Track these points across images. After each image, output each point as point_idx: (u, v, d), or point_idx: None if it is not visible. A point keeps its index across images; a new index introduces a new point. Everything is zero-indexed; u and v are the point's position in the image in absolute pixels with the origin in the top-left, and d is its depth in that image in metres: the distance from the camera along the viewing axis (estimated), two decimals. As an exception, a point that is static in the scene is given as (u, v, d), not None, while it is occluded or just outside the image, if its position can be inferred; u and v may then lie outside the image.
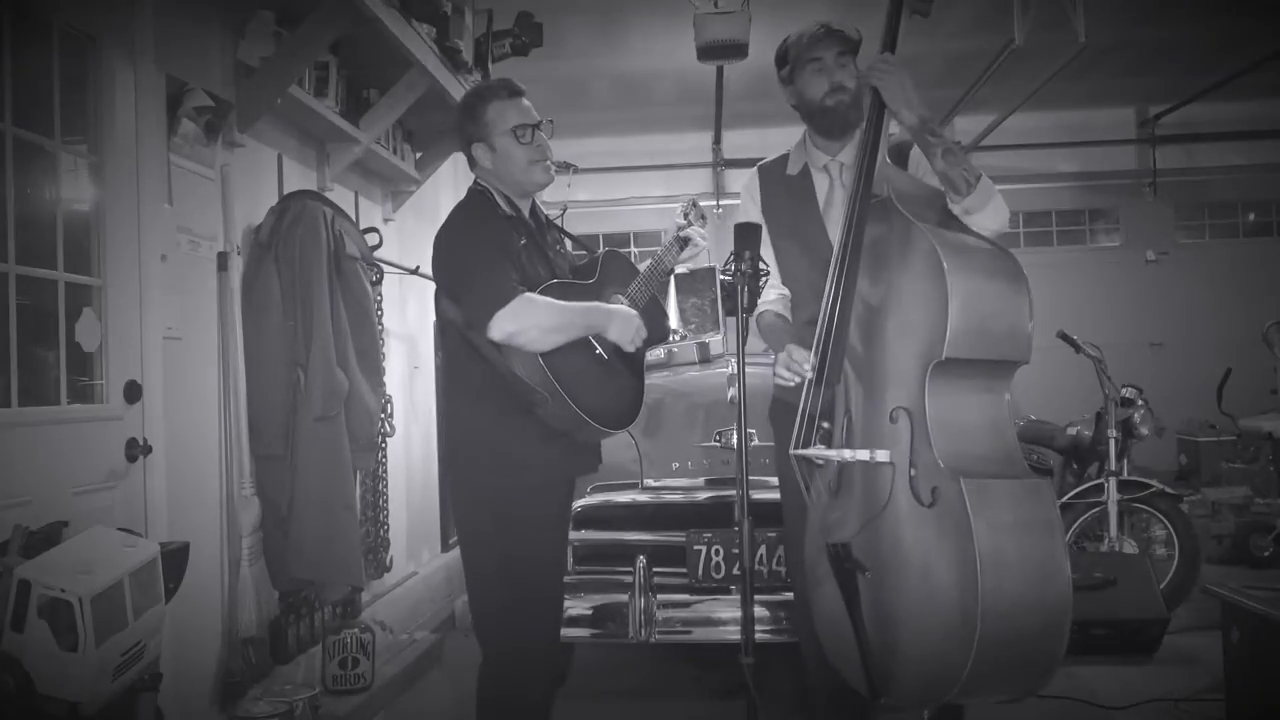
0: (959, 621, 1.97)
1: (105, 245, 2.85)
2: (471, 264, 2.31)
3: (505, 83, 2.50)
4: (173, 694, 2.71)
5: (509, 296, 2.24)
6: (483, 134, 2.43)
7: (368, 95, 4.23)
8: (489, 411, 2.35)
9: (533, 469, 2.35)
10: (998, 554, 1.97)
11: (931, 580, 2.05)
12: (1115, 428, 4.67)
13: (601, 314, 2.39)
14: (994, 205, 2.28)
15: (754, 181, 2.71)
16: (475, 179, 2.51)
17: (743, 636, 2.08)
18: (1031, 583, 2.02)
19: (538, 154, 2.44)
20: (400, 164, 4.65)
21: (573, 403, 2.26)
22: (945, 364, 2.08)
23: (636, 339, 2.42)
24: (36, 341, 2.65)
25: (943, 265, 2.09)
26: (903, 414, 2.13)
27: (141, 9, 2.91)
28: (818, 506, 2.32)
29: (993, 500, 2.03)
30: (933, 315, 2.09)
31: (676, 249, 2.58)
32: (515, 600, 2.34)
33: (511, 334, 2.23)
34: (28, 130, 2.59)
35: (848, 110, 2.51)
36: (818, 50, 2.50)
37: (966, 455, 2.10)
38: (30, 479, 2.48)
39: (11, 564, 2.08)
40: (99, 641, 2.03)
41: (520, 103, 2.45)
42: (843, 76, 2.49)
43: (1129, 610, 3.96)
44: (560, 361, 2.28)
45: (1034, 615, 2.01)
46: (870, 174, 2.28)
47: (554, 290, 2.35)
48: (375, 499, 4.22)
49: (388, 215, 4.88)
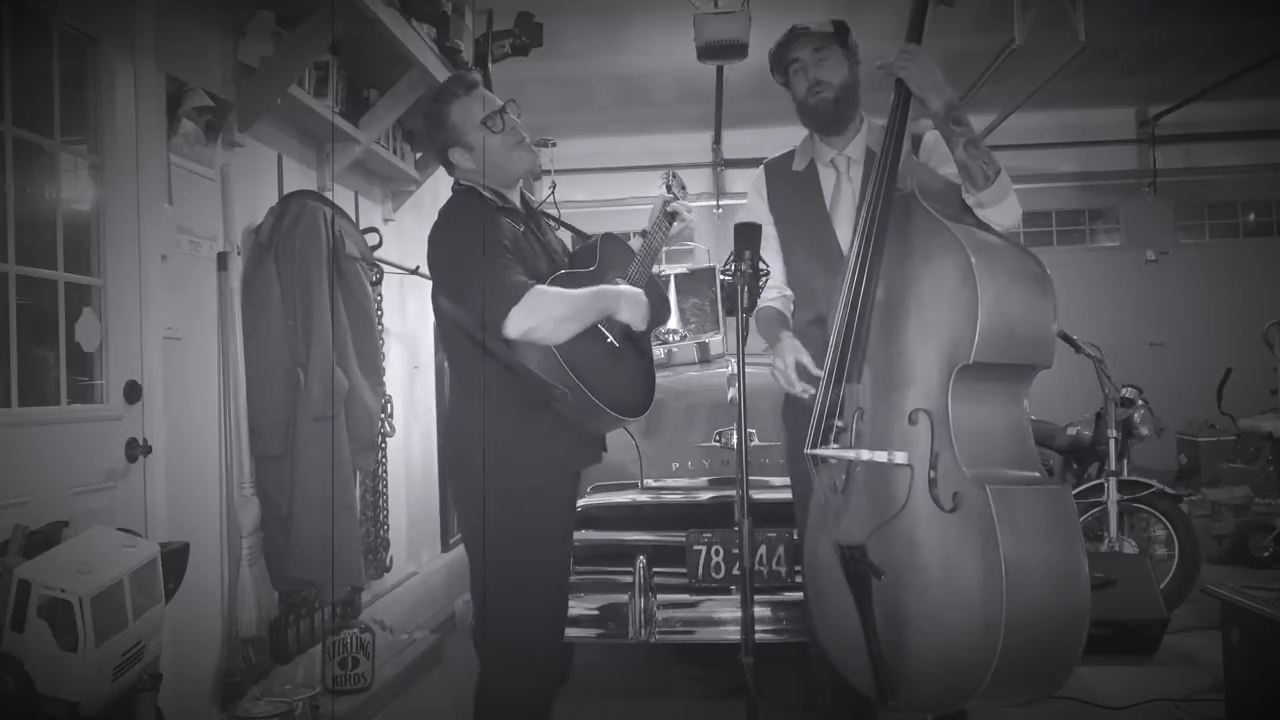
0: (981, 628, 1.94)
1: (105, 245, 2.84)
2: (474, 263, 2.26)
3: (457, 78, 2.46)
4: (173, 694, 2.71)
5: (520, 292, 2.19)
6: (454, 137, 2.39)
7: (368, 95, 4.22)
8: (493, 411, 2.31)
9: (538, 467, 2.33)
10: (1021, 561, 1.95)
11: (952, 586, 2.02)
12: (1115, 428, 4.67)
13: (610, 296, 2.36)
14: (1008, 201, 2.26)
15: (760, 179, 2.70)
16: (456, 180, 2.47)
17: (743, 636, 2.07)
18: (1053, 590, 2.00)
19: (514, 138, 2.40)
20: (400, 164, 4.65)
21: (592, 394, 2.23)
22: (970, 368, 2.05)
23: (646, 316, 2.40)
24: (36, 341, 2.65)
25: (972, 267, 2.04)
26: (923, 416, 2.09)
27: (141, 9, 2.91)
28: (830, 506, 2.29)
29: (1016, 507, 1.99)
30: (959, 318, 2.05)
31: (666, 224, 2.56)
32: (520, 601, 2.32)
33: (528, 330, 2.19)
34: (28, 130, 2.59)
35: (831, 106, 2.50)
36: (793, 52, 2.50)
37: (990, 461, 2.06)
38: (30, 479, 2.47)
39: (11, 564, 2.08)
40: (99, 641, 2.03)
41: (478, 93, 2.41)
42: (821, 72, 2.48)
43: (1129, 610, 3.95)
44: (574, 353, 2.25)
45: (1054, 622, 1.99)
46: (894, 167, 2.24)
47: (560, 282, 2.33)
48: (375, 499, 4.22)
49: (388, 215, 4.87)
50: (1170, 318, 8.47)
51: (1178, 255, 8.75)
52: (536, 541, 2.34)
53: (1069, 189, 8.69)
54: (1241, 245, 8.84)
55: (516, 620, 2.33)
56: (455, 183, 2.47)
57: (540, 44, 4.74)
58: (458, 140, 2.39)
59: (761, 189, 2.67)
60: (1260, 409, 6.07)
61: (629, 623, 3.17)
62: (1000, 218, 2.25)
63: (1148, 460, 6.33)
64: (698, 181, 8.48)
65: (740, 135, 8.12)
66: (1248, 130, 8.27)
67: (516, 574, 2.32)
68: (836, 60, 2.49)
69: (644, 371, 2.47)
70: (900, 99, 2.27)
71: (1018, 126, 7.20)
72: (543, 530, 2.36)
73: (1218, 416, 6.37)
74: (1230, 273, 8.44)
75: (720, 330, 2.67)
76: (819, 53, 2.48)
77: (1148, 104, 8.29)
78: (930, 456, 2.07)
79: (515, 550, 2.31)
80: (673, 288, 3.68)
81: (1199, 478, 6.92)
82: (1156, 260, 8.73)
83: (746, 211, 2.67)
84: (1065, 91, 6.73)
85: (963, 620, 1.99)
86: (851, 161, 2.56)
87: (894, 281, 2.23)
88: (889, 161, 2.24)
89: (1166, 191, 8.55)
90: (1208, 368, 6.44)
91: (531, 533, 2.33)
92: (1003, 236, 2.24)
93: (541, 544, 2.36)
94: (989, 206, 2.24)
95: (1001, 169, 2.25)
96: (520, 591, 2.33)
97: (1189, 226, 8.94)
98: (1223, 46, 6.56)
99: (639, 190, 8.41)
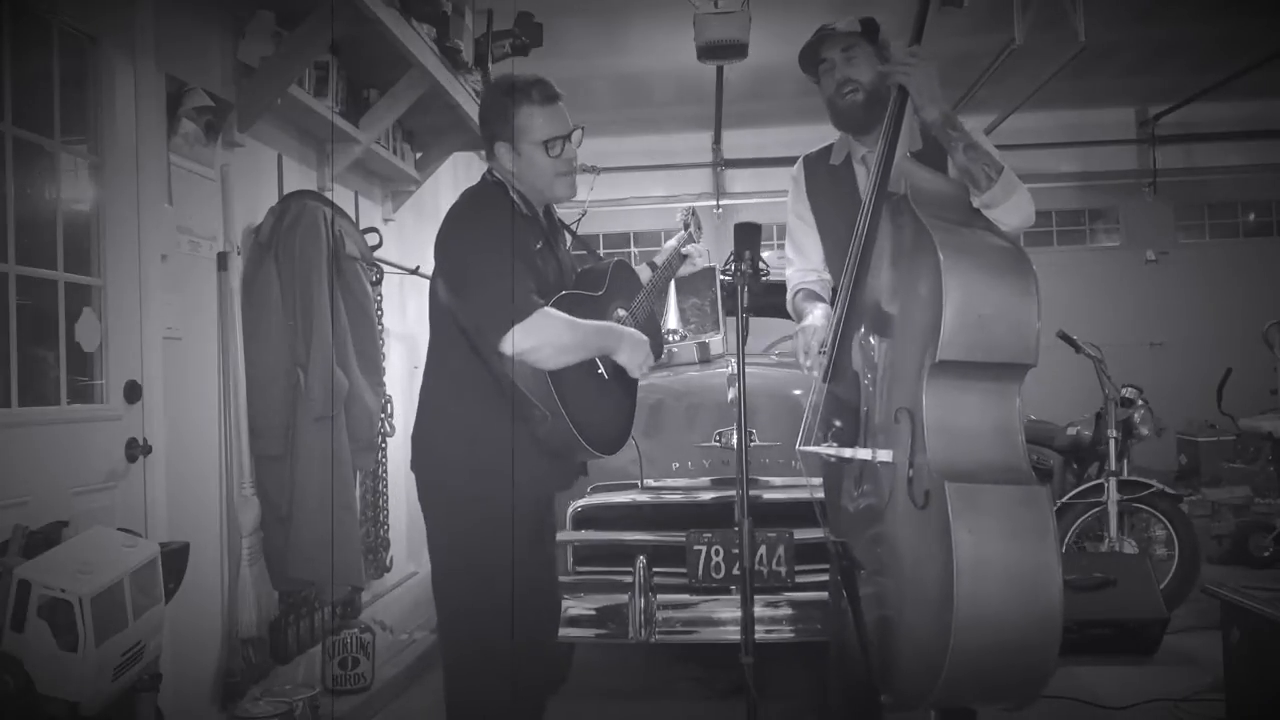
0: (935, 625, 1.95)
1: (105, 245, 2.85)
2: (486, 265, 2.19)
3: (541, 86, 2.32)
4: (173, 694, 2.71)
5: (527, 311, 2.12)
6: (509, 135, 2.29)
7: (368, 95, 4.23)
8: (473, 410, 2.25)
9: (508, 473, 2.20)
10: (979, 561, 1.92)
11: (919, 582, 2.05)
12: (1115, 428, 4.67)
13: (615, 336, 2.31)
14: (1016, 200, 2.25)
15: (800, 171, 2.70)
16: (490, 169, 2.38)
17: (743, 636, 2.07)
18: (1017, 593, 1.95)
19: (565, 167, 2.32)
20: (400, 164, 4.65)
21: (571, 424, 2.16)
22: (943, 366, 2.05)
23: (645, 365, 2.34)
24: (36, 341, 2.65)
25: (939, 264, 2.04)
26: (905, 414, 2.11)
27: (141, 9, 2.91)
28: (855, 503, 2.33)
29: (980, 507, 1.97)
30: (930, 316, 2.06)
31: (678, 263, 2.56)
32: (480, 606, 2.25)
33: (525, 351, 2.12)
34: (28, 130, 2.59)
35: (860, 106, 2.48)
36: (822, 52, 2.50)
37: (960, 459, 2.05)
38: (30, 479, 2.47)
39: (11, 564, 2.08)
40: (99, 641, 2.03)
41: (555, 110, 2.31)
42: (851, 71, 2.47)
43: (1129, 610, 3.95)
44: (565, 379, 2.18)
45: (1018, 625, 1.95)
46: (887, 171, 2.25)
47: (565, 303, 2.24)
48: (375, 499, 4.22)
49: (388, 215, 4.88)
50: (1170, 318, 8.48)
51: (1178, 255, 8.76)
52: (498, 545, 2.22)
53: (1069, 189, 8.69)
54: (1241, 245, 8.84)
55: (475, 624, 2.26)
56: (488, 171, 2.38)
57: (540, 44, 4.74)
58: (510, 140, 2.30)
59: (801, 180, 2.68)
60: (1260, 409, 6.07)
61: (629, 623, 3.16)
62: (1008, 217, 2.25)
63: (1148, 460, 6.33)
64: (698, 181, 8.48)
65: (740, 135, 8.13)
66: (1248, 130, 8.27)
67: (477, 576, 2.24)
68: (866, 59, 2.47)
69: (625, 411, 2.41)
70: (897, 103, 2.29)
71: (1018, 126, 7.21)
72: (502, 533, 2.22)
73: (1218, 416, 6.37)
74: (1230, 273, 8.44)
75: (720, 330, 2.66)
76: (847, 52, 2.47)
77: (1148, 104, 8.30)
78: (910, 455, 2.08)
79: (477, 552, 2.24)
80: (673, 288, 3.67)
81: (1199, 478, 6.92)
82: (1156, 260, 8.73)
83: (788, 204, 2.71)
84: (1065, 91, 6.73)
85: (926, 614, 2.00)
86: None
87: (888, 283, 2.26)
88: (882, 164, 2.27)
89: (1166, 191, 8.56)
90: (1208, 368, 6.44)
91: (493, 535, 2.22)
92: (1004, 237, 2.24)
93: (502, 548, 2.22)
94: (996, 206, 2.24)
95: (1005, 168, 2.25)
96: (478, 595, 2.25)
97: (1189, 226, 8.94)
98: (1223, 46, 6.56)
99: (639, 190, 8.43)
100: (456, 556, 2.29)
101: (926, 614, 1.99)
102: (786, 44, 2.81)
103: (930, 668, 1.98)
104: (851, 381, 2.36)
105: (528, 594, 2.27)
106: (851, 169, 2.59)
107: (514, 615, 2.27)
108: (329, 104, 3.82)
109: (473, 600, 2.25)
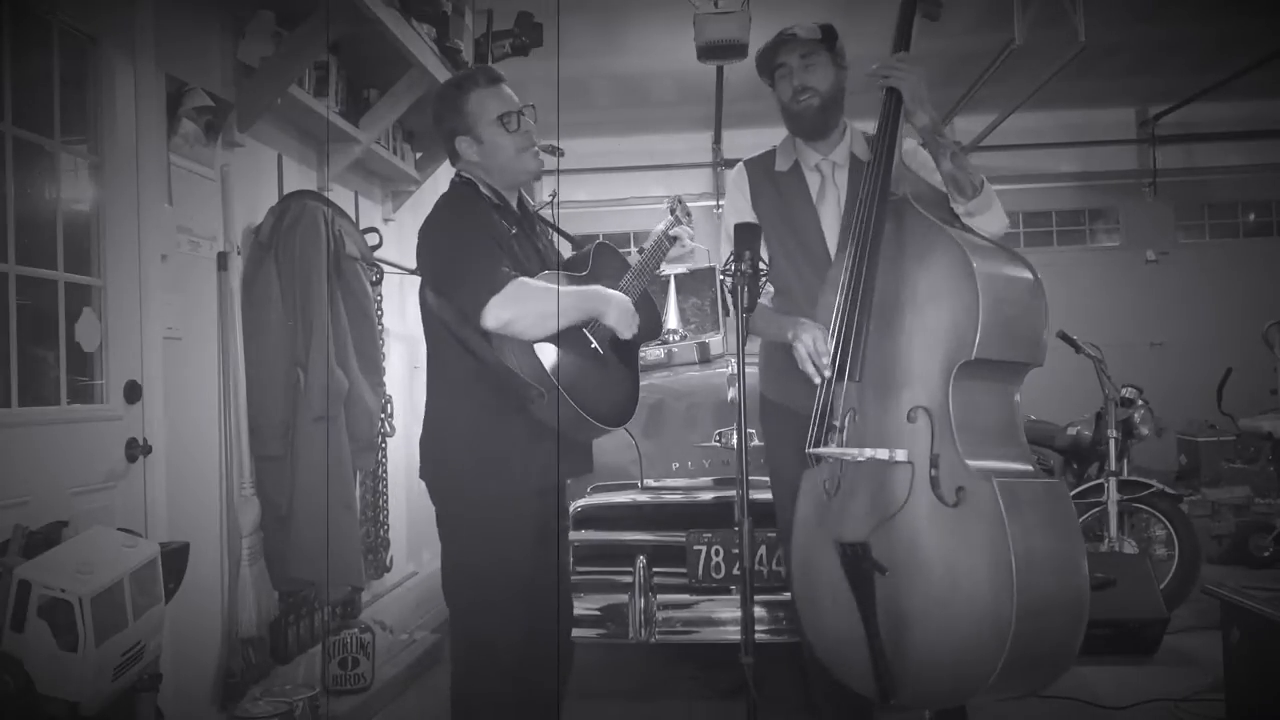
0: (990, 621, 1.97)
1: (105, 245, 2.85)
2: (460, 254, 2.24)
3: (483, 70, 2.43)
4: (173, 694, 2.72)
5: (502, 282, 2.17)
6: (466, 126, 2.35)
7: (368, 95, 4.23)
8: (473, 409, 2.29)
9: (517, 471, 2.28)
10: (1029, 553, 2.00)
11: (957, 581, 2.05)
12: (1115, 428, 4.66)
13: (599, 298, 2.34)
14: (995, 209, 2.30)
15: (741, 176, 2.69)
16: (457, 171, 2.44)
17: (743, 636, 2.07)
18: (1057, 580, 2.05)
19: (525, 141, 2.37)
20: (400, 164, 4.65)
21: (571, 399, 2.20)
22: (969, 365, 2.10)
23: (634, 325, 2.38)
24: (36, 341, 2.65)
25: (972, 267, 2.10)
26: (922, 413, 2.13)
27: (141, 9, 2.91)
28: (829, 507, 2.30)
29: (1021, 501, 2.04)
30: (960, 316, 2.11)
31: (666, 245, 2.55)
32: (489, 601, 2.29)
33: (506, 321, 2.17)
34: (28, 130, 2.59)
35: (817, 112, 2.49)
36: (780, 57, 2.50)
37: (991, 456, 2.12)
38: (30, 479, 2.47)
39: (11, 564, 2.08)
40: (99, 641, 2.04)
41: (501, 90, 2.37)
42: (808, 77, 2.48)
43: (1129, 610, 3.95)
44: (558, 357, 2.23)
45: (1058, 613, 2.05)
46: (888, 174, 2.28)
47: (548, 280, 2.29)
48: (375, 499, 4.22)
49: (388, 215, 4.87)
50: (1170, 318, 8.47)
51: (1178, 255, 8.75)
52: (508, 542, 2.29)
53: (1069, 189, 8.68)
54: (1241, 245, 8.83)
55: (483, 620, 2.30)
56: (456, 174, 2.44)
57: (540, 44, 4.74)
58: (468, 130, 2.36)
59: (744, 187, 2.66)
60: (1260, 409, 6.06)
61: (629, 623, 3.17)
62: (988, 225, 2.30)
63: (1148, 460, 6.33)
64: (698, 181, 8.48)
65: (740, 135, 8.10)
66: (1248, 130, 8.27)
67: (486, 574, 2.29)
68: (823, 66, 2.49)
69: (628, 381, 2.44)
70: (891, 106, 2.30)
71: (1018, 126, 7.20)
72: (515, 535, 2.30)
73: (1218, 416, 6.37)
74: (1230, 273, 8.43)
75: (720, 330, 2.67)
76: (806, 58, 2.48)
77: (1148, 104, 8.29)
78: (930, 453, 2.10)
79: (486, 551, 2.29)
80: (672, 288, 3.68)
81: (1199, 478, 6.92)
82: (1156, 260, 8.72)
83: (729, 208, 2.67)
84: (1065, 91, 6.72)
85: (970, 614, 2.02)
86: (836, 166, 2.57)
87: (888, 284, 2.27)
88: (882, 167, 2.28)
89: (1166, 191, 8.55)
90: (1208, 368, 6.44)
91: (503, 534, 2.29)
92: (995, 242, 2.28)
93: (513, 545, 2.30)
94: (977, 215, 2.28)
95: (984, 178, 2.29)
96: (488, 592, 2.29)
97: (1189, 226, 8.93)
98: (1223, 46, 6.56)
99: (639, 190, 8.43)
100: (471, 554, 2.33)
101: (974, 610, 2.01)
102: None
103: (976, 664, 1.99)
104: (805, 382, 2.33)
105: (540, 589, 2.33)
106: (802, 176, 2.58)
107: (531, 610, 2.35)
108: (329, 104, 3.82)
109: (489, 595, 2.30)
